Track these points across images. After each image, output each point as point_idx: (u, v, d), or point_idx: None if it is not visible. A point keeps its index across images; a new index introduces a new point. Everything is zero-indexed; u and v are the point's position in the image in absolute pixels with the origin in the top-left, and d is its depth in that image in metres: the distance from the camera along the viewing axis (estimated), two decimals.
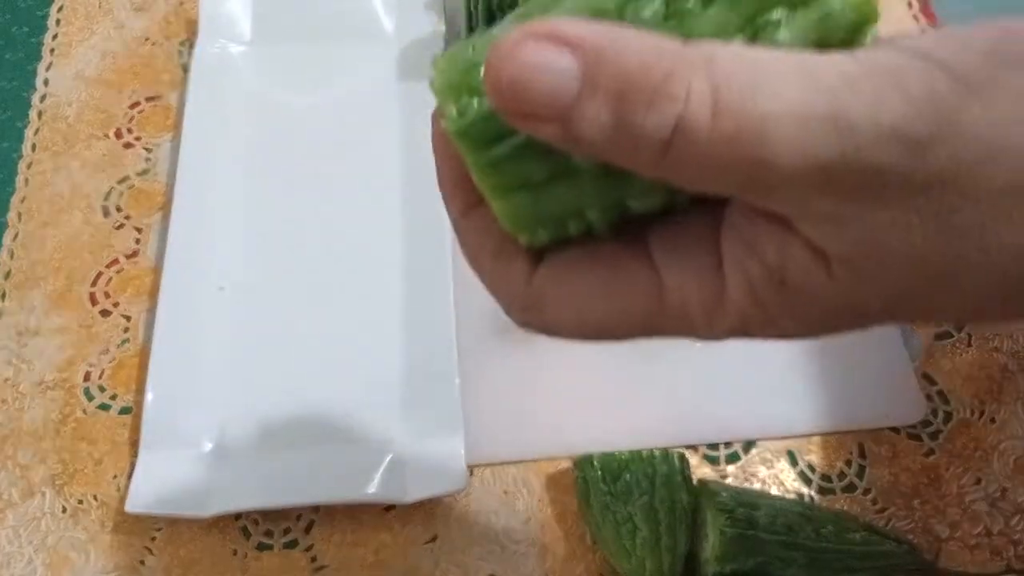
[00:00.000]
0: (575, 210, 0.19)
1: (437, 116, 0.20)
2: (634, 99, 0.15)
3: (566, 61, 0.15)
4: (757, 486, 0.43)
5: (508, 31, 0.17)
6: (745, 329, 0.18)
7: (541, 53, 0.16)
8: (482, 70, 0.17)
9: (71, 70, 0.55)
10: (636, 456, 0.41)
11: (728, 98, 0.15)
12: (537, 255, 0.20)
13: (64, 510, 0.42)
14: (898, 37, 0.17)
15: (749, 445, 0.44)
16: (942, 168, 0.15)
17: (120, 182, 0.51)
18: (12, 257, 0.49)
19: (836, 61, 0.16)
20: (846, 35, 0.17)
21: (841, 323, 0.18)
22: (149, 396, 0.43)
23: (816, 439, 0.44)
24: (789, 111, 0.15)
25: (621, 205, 0.19)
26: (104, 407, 0.45)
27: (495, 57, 0.16)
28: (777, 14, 0.17)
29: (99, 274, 0.48)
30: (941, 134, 0.15)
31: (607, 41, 0.16)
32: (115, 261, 0.49)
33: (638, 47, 0.16)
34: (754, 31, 0.17)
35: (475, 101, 0.18)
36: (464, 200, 0.21)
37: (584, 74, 0.15)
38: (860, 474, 0.43)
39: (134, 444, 0.43)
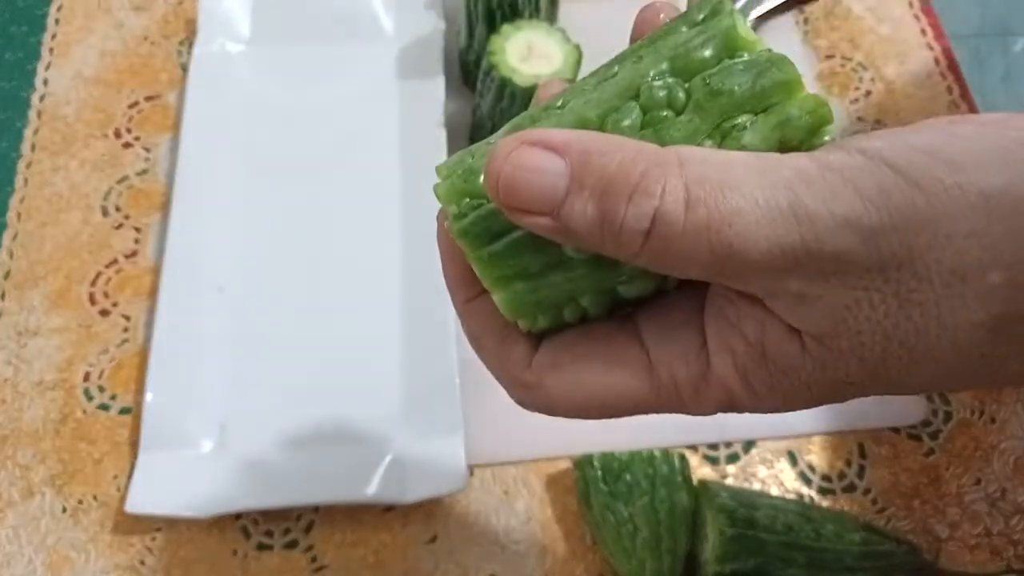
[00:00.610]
0: (569, 297, 0.21)
1: (441, 217, 0.22)
2: (616, 195, 0.17)
3: (556, 164, 0.18)
4: (757, 486, 0.43)
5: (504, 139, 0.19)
6: (732, 404, 0.20)
7: (534, 157, 0.18)
8: (481, 175, 0.20)
9: (70, 70, 0.55)
10: (636, 456, 0.41)
11: (699, 194, 0.17)
12: (537, 338, 0.22)
13: (64, 510, 0.42)
14: (851, 139, 0.19)
15: (749, 445, 0.44)
16: (894, 253, 0.17)
17: (119, 182, 0.51)
18: (11, 257, 0.48)
19: (794, 161, 0.18)
20: (805, 136, 0.19)
21: (822, 396, 0.19)
22: (149, 396, 0.43)
23: (816, 439, 0.44)
24: (754, 204, 0.17)
25: (612, 292, 0.21)
26: (104, 407, 0.44)
27: (493, 160, 0.18)
28: (742, 119, 0.19)
29: (98, 274, 0.48)
30: (892, 223, 0.17)
31: (592, 146, 0.18)
32: (114, 261, 0.49)
33: (619, 150, 0.18)
34: (722, 135, 0.19)
35: (474, 203, 0.20)
36: (467, 292, 0.23)
37: (572, 174, 0.18)
38: (860, 474, 0.43)
39: (134, 444, 0.43)
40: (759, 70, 0.19)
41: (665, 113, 0.19)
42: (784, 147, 0.19)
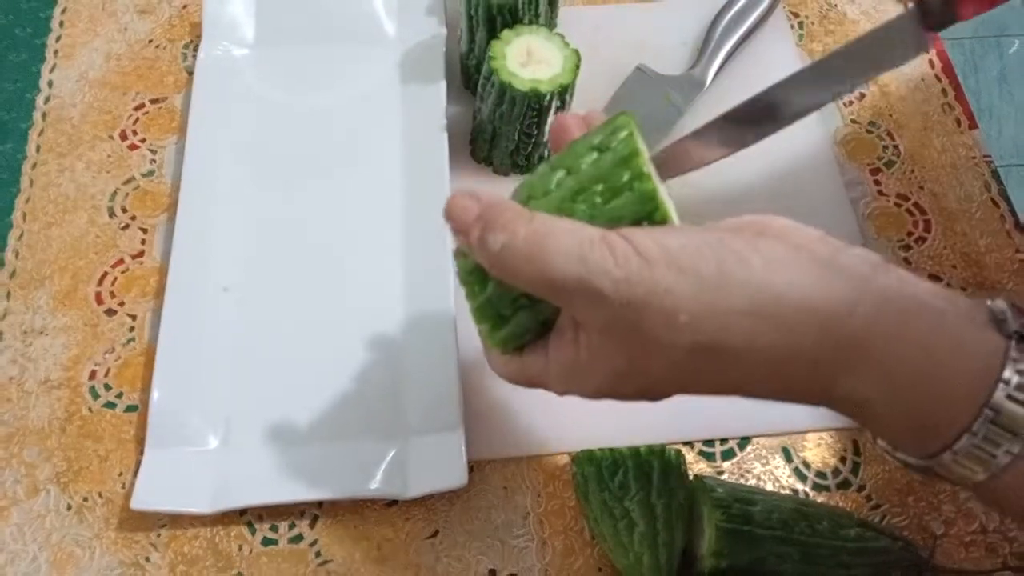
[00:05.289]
0: (524, 332, 0.33)
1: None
2: (490, 227, 0.30)
3: (475, 207, 0.31)
4: (752, 482, 0.44)
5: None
6: (564, 387, 0.33)
7: (465, 200, 0.31)
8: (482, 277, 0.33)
9: (75, 72, 0.56)
10: (633, 452, 0.41)
11: (534, 237, 0.29)
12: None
13: (69, 507, 0.42)
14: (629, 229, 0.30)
15: (744, 442, 0.45)
16: (630, 299, 0.28)
17: (125, 183, 0.52)
18: (17, 257, 0.49)
19: (592, 230, 0.29)
20: (633, 223, 0.30)
21: (605, 381, 0.31)
22: (155, 394, 0.43)
23: (810, 436, 0.45)
24: (564, 249, 0.29)
25: (546, 322, 0.33)
26: (110, 405, 0.45)
27: (449, 202, 0.32)
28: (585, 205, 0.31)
29: (104, 274, 0.49)
30: (628, 279, 0.28)
31: (494, 202, 0.31)
32: (120, 261, 0.49)
33: (506, 207, 0.30)
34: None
35: (477, 290, 0.33)
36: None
37: (479, 213, 0.31)
38: (854, 471, 0.44)
39: (140, 442, 0.44)
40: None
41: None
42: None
